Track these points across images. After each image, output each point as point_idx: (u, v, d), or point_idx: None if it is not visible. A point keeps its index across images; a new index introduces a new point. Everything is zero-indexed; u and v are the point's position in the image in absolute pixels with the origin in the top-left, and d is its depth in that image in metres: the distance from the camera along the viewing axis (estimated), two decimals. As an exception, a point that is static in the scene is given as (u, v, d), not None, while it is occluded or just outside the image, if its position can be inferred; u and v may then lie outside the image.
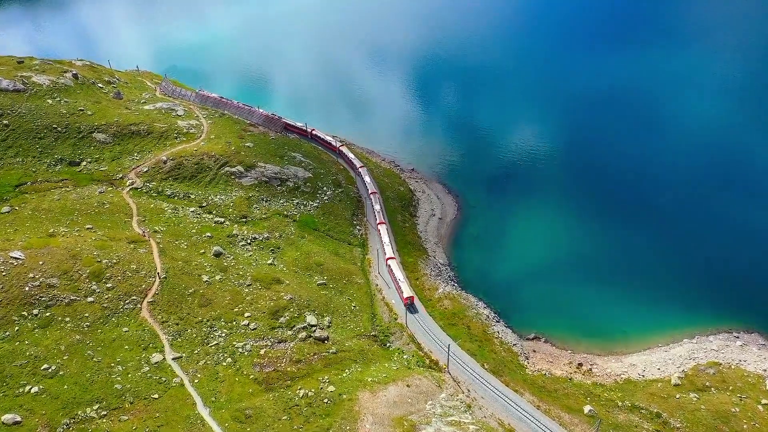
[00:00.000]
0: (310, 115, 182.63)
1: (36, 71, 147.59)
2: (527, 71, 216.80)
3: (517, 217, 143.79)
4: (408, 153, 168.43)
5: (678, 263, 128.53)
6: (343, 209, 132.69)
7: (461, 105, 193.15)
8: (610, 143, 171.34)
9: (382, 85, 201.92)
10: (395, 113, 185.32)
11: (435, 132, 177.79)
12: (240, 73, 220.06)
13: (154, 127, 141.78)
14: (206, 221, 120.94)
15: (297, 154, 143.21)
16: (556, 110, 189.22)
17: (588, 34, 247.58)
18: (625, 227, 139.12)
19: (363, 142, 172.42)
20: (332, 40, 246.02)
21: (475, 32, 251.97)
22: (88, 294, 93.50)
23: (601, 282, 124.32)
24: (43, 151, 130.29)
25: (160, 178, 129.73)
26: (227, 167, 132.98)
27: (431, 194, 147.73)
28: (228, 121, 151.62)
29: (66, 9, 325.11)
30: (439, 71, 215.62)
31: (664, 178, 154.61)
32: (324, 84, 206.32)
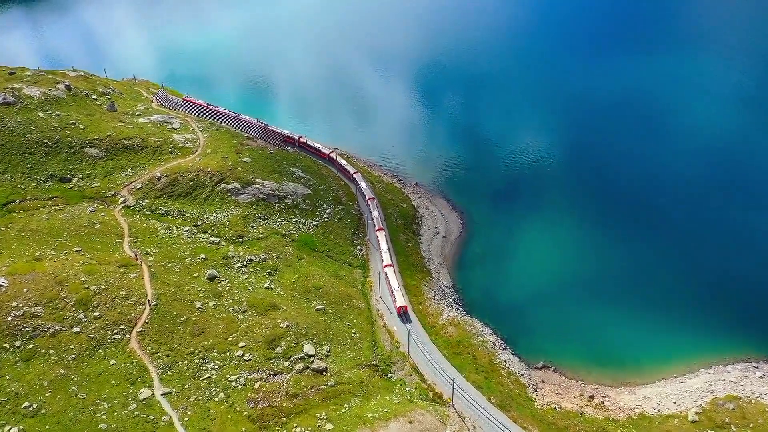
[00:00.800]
0: (310, 126, 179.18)
1: (27, 83, 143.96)
2: (533, 78, 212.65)
3: (524, 234, 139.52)
4: (411, 166, 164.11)
5: (693, 283, 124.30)
6: (343, 228, 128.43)
7: (465, 115, 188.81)
8: (620, 153, 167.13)
9: (384, 94, 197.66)
10: (398, 124, 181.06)
11: (439, 143, 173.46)
12: (239, 80, 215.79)
13: (149, 141, 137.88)
14: (201, 241, 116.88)
15: (296, 170, 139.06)
16: (562, 119, 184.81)
17: (595, 38, 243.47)
18: (638, 243, 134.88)
19: (365, 155, 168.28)
20: (333, 47, 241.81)
21: (480, 38, 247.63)
22: (74, 323, 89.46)
23: (613, 303, 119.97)
24: (33, 167, 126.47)
25: (154, 196, 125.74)
26: (223, 184, 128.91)
27: (435, 211, 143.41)
28: (225, 135, 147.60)
29: (66, 11, 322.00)
30: (443, 79, 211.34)
31: (678, 192, 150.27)
32: (324, 93, 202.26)
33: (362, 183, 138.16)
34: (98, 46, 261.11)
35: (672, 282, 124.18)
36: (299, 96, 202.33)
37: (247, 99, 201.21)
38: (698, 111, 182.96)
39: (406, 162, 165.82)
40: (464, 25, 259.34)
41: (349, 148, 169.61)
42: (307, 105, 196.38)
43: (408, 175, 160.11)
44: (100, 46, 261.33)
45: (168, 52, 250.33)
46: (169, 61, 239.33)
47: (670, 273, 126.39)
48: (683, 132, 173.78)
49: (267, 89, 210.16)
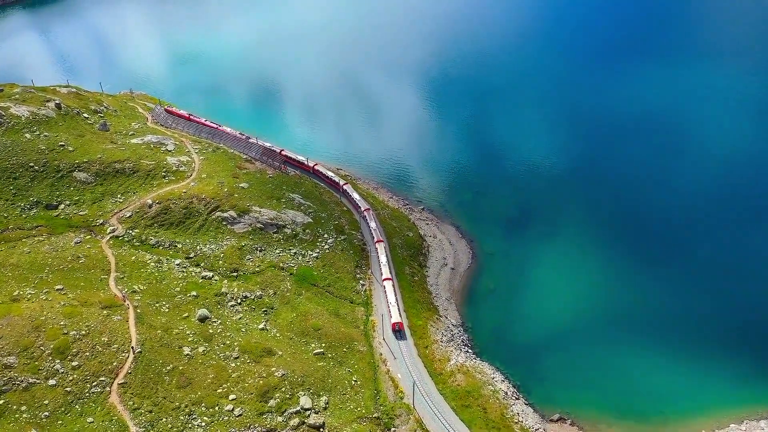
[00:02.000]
0: (314, 145, 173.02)
1: (16, 101, 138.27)
2: (545, 92, 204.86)
3: (538, 265, 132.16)
4: (419, 189, 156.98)
5: (724, 324, 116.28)
6: (345, 260, 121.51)
7: (475, 133, 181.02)
8: (642, 174, 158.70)
9: (391, 111, 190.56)
10: (405, 144, 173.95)
11: (447, 164, 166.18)
12: (243, 92, 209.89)
13: (141, 164, 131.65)
14: (193, 276, 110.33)
15: (296, 196, 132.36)
16: (578, 137, 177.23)
17: (610, 49, 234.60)
18: (663, 277, 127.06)
19: (370, 176, 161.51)
20: (340, 61, 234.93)
21: (490, 50, 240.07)
22: (51, 375, 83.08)
23: (636, 346, 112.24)
24: (18, 193, 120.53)
25: (144, 225, 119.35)
26: (218, 212, 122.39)
27: (443, 239, 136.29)
28: (222, 157, 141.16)
29: (69, 16, 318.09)
30: (452, 95, 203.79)
31: (709, 218, 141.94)
32: (330, 109, 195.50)
33: (372, 223, 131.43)
34: (100, 54, 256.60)
35: (701, 322, 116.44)
36: (304, 111, 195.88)
37: (250, 112, 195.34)
38: (727, 127, 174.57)
39: (414, 185, 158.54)
40: (474, 36, 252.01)
41: (355, 168, 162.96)
42: (311, 121, 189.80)
43: (415, 199, 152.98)
44: (101, 54, 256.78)
45: (172, 61, 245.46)
46: (173, 70, 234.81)
47: (698, 311, 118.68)
48: (710, 150, 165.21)
49: (271, 102, 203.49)
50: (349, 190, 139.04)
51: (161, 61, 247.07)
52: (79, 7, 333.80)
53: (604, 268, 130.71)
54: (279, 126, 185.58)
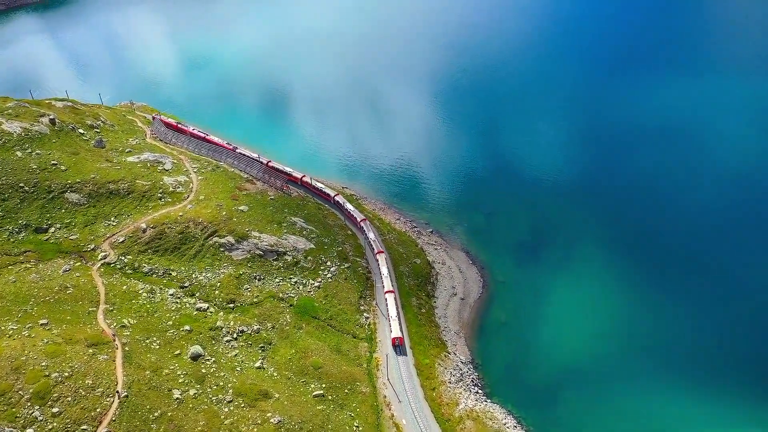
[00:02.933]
0: (318, 161, 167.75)
1: (8, 116, 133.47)
2: (563, 104, 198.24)
3: (553, 295, 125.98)
4: (428, 210, 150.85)
5: (760, 355, 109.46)
6: (349, 290, 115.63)
7: (487, 149, 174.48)
8: (665, 194, 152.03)
9: (399, 126, 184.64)
10: (414, 161, 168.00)
11: (458, 183, 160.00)
12: (245, 103, 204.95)
13: (136, 185, 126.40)
14: (187, 308, 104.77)
15: (298, 219, 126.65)
16: (597, 153, 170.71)
17: (632, 58, 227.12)
18: (690, 307, 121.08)
19: (377, 195, 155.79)
20: (348, 69, 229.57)
21: (503, 59, 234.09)
22: (28, 423, 77.58)
23: (660, 383, 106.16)
24: (6, 216, 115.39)
25: (138, 251, 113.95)
26: (216, 237, 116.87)
27: (452, 266, 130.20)
28: (221, 177, 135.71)
29: (77, 19, 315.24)
30: (464, 107, 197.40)
31: (738, 241, 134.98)
32: (335, 124, 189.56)
33: (370, 233, 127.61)
34: (102, 61, 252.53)
35: (733, 354, 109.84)
36: (309, 123, 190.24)
37: (253, 123, 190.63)
38: (756, 141, 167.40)
39: (423, 205, 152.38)
40: (487, 45, 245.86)
41: (361, 187, 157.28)
42: (317, 134, 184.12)
43: (423, 221, 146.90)
44: (104, 61, 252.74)
45: (177, 67, 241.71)
46: (177, 78, 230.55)
47: (730, 343, 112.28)
48: (739, 166, 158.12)
49: (276, 113, 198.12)
50: (341, 201, 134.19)
51: (166, 67, 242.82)
52: (88, 10, 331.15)
53: (625, 297, 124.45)
54: (283, 139, 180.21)
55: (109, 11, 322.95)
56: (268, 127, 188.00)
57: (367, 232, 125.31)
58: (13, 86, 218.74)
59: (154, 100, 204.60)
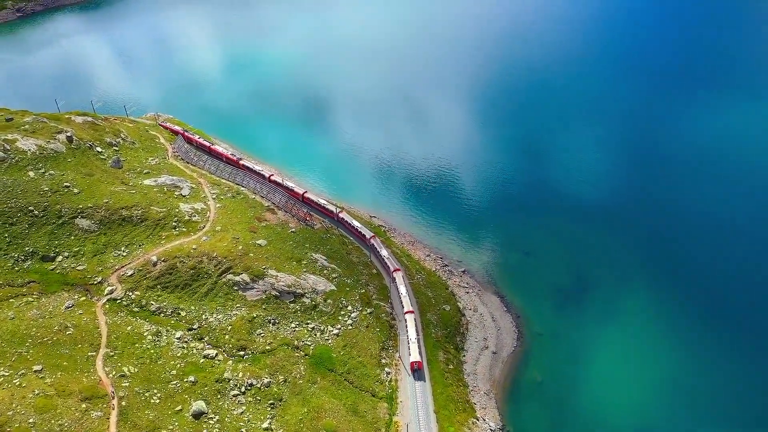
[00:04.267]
0: (345, 186, 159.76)
1: (24, 132, 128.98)
2: (610, 124, 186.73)
3: (597, 351, 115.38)
4: (460, 245, 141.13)
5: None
6: (370, 340, 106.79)
7: (525, 179, 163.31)
8: (728, 232, 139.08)
9: (432, 151, 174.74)
10: (448, 190, 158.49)
11: (493, 216, 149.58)
12: (273, 117, 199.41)
13: (151, 212, 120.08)
14: (193, 354, 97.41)
15: (319, 257, 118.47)
16: (650, 184, 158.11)
17: (692, 76, 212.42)
18: (758, 368, 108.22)
19: (407, 226, 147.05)
20: (381, 80, 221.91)
21: (545, 73, 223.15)
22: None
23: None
24: (13, 242, 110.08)
25: (146, 286, 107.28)
26: (230, 275, 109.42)
27: (485, 313, 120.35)
28: (241, 205, 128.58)
29: (115, 20, 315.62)
30: (501, 129, 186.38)
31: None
32: (366, 146, 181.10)
33: (383, 251, 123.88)
34: (135, 65, 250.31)
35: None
36: (338, 143, 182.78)
37: (277, 139, 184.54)
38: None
39: (455, 240, 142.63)
40: (527, 56, 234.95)
41: (392, 218, 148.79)
42: (347, 155, 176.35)
43: (455, 258, 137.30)
44: (137, 65, 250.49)
45: (212, 74, 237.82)
46: (210, 86, 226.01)
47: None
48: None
49: (305, 130, 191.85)
50: (377, 246, 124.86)
51: (198, 75, 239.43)
52: (124, 12, 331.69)
53: (681, 355, 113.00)
54: (309, 161, 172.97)
55: (145, 15, 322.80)
56: (296, 146, 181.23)
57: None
58: (42, 92, 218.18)
59: (183, 111, 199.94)
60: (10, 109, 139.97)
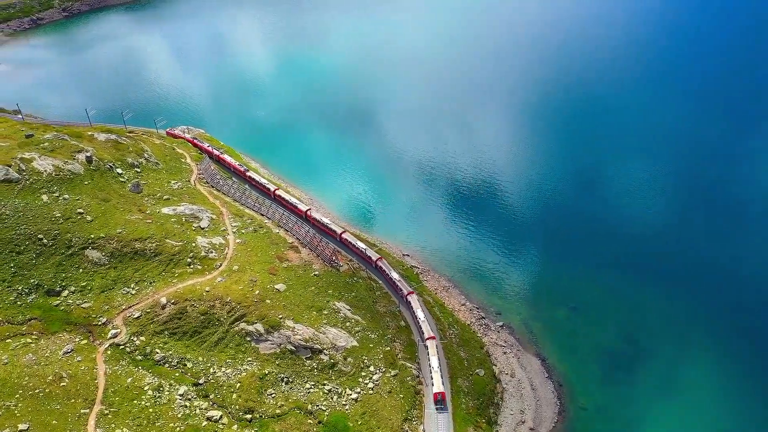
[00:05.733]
0: (377, 218, 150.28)
1: (42, 151, 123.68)
2: (677, 163, 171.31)
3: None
4: (500, 294, 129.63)
5: None
6: (392, 408, 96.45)
7: (575, 220, 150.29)
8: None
9: (472, 185, 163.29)
10: (488, 230, 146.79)
11: (538, 264, 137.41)
12: (308, 133, 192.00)
13: (165, 245, 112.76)
14: (196, 415, 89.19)
15: (342, 306, 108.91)
16: (720, 231, 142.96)
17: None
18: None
19: (442, 269, 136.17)
20: (428, 100, 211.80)
21: (603, 91, 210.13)
22: None
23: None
24: (18, 273, 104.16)
25: (153, 331, 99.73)
26: (243, 323, 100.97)
27: (523, 379, 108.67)
28: (262, 241, 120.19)
29: (158, 22, 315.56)
30: (550, 159, 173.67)
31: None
32: (402, 174, 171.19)
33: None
34: (172, 72, 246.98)
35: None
36: (373, 171, 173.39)
37: (305, 161, 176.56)
38: None
39: (493, 285, 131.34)
40: (585, 74, 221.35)
41: (426, 255, 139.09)
42: (382, 183, 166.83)
43: (493, 308, 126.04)
44: (173, 72, 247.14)
45: (253, 84, 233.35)
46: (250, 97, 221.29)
47: None
48: None
49: (341, 145, 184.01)
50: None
51: (238, 84, 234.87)
52: (169, 14, 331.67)
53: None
54: (342, 187, 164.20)
55: (190, 17, 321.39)
56: (330, 168, 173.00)
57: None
58: (77, 97, 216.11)
59: (215, 124, 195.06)
60: (35, 118, 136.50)
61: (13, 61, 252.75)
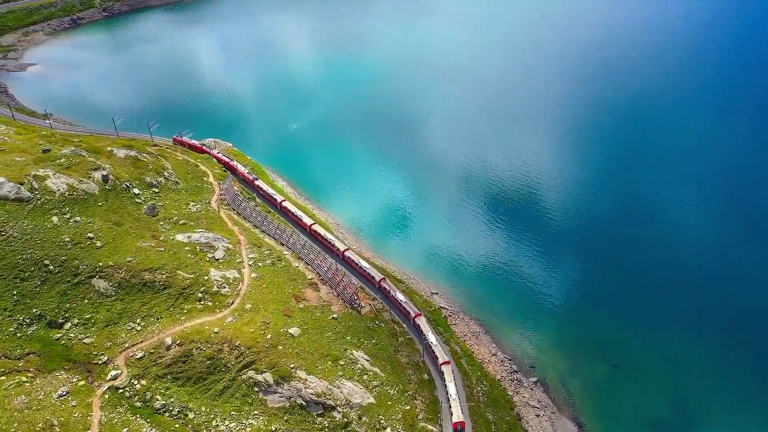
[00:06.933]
0: (408, 251, 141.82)
1: (58, 167, 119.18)
2: (744, 197, 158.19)
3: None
4: (536, 343, 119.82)
5: None
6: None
7: (620, 263, 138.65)
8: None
9: (509, 217, 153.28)
10: (526, 267, 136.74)
11: (580, 310, 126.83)
12: (336, 147, 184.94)
13: (176, 277, 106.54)
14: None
15: (360, 355, 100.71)
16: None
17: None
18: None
19: (473, 311, 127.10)
20: (472, 117, 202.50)
21: (660, 111, 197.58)
22: None
23: None
24: (20, 301, 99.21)
25: (155, 374, 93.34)
26: (251, 371, 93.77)
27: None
28: (280, 276, 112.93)
29: (203, 23, 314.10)
30: (597, 192, 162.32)
31: None
32: (434, 200, 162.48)
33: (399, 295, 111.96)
34: (206, 79, 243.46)
35: None
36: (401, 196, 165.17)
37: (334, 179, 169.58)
38: None
39: (529, 333, 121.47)
40: (634, 84, 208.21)
41: (455, 290, 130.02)
42: (419, 213, 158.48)
43: (528, 360, 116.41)
44: (207, 79, 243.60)
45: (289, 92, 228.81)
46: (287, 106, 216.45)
47: None
48: None
49: (377, 164, 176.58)
50: (388, 287, 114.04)
51: (275, 92, 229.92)
52: (213, 14, 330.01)
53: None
54: (368, 213, 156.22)
55: (229, 20, 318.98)
56: (363, 191, 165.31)
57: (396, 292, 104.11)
58: (108, 101, 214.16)
59: (245, 137, 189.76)
60: (63, 124, 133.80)
61: (50, 62, 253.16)
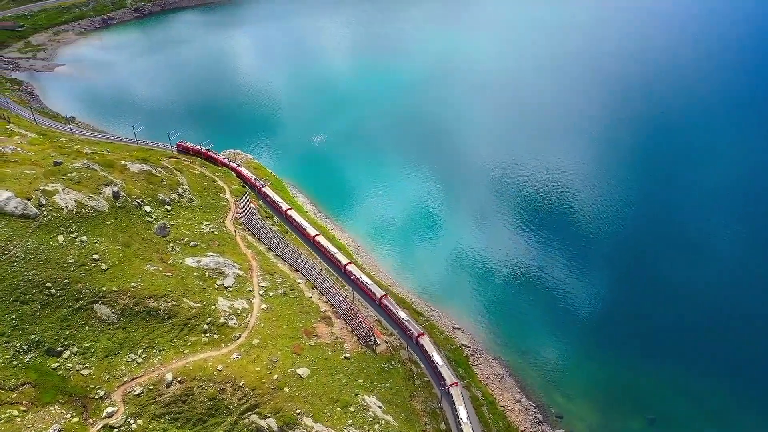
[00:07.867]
0: (429, 280, 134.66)
1: (68, 182, 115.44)
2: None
3: None
4: (563, 392, 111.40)
5: None
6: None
7: (658, 307, 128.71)
8: None
9: (549, 252, 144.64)
10: (557, 305, 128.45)
11: (612, 358, 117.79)
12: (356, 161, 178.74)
13: (182, 306, 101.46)
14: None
15: (373, 401, 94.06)
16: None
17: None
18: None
19: (498, 350, 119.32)
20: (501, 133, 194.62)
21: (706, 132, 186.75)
22: None
23: None
24: (19, 326, 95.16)
25: (153, 414, 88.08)
26: (254, 415, 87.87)
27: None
28: (291, 308, 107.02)
29: (233, 26, 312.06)
30: (628, 230, 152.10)
31: None
32: (461, 224, 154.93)
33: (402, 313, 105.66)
34: (235, 85, 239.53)
35: None
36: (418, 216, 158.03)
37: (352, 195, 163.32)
38: None
39: (556, 378, 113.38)
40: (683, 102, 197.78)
41: (480, 326, 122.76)
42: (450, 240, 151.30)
43: (552, 409, 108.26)
44: (236, 85, 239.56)
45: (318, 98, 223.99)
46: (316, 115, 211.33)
47: None
48: None
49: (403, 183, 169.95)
50: (389, 304, 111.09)
51: (299, 100, 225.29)
52: (245, 16, 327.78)
53: None
54: (392, 238, 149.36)
55: (260, 23, 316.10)
56: (385, 216, 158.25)
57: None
58: (130, 105, 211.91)
59: (266, 150, 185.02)
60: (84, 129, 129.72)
61: (78, 63, 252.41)
